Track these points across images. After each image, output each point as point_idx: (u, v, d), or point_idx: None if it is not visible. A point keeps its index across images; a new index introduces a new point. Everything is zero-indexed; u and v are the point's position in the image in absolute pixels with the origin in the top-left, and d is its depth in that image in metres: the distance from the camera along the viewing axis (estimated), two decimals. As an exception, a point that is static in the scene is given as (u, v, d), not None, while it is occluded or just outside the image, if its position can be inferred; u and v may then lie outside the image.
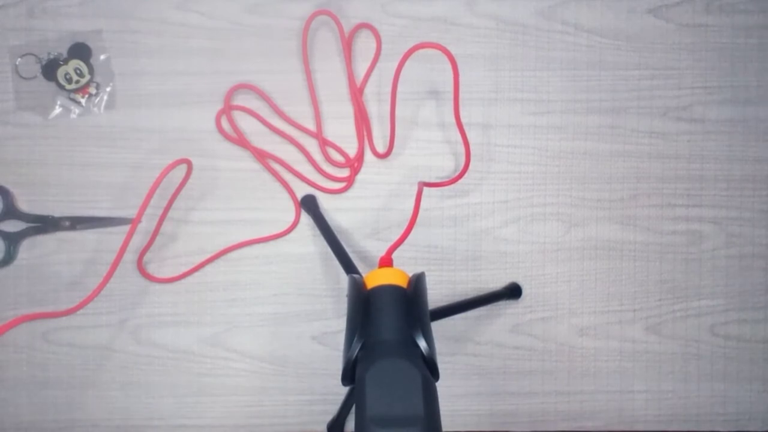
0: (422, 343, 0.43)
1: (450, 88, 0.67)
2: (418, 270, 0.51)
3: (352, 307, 0.45)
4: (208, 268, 0.67)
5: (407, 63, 0.66)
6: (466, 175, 0.67)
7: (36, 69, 0.66)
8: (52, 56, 0.65)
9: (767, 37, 0.68)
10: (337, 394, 0.68)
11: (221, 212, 0.67)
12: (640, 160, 0.68)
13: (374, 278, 0.46)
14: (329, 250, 0.64)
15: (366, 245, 0.68)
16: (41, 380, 0.67)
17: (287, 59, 0.67)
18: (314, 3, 0.66)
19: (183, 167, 0.66)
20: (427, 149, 0.68)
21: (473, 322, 0.69)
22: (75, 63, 0.66)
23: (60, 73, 0.66)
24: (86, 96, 0.66)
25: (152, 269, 0.67)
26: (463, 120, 0.67)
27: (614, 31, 0.68)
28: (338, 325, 0.68)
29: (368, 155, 0.68)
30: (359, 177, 0.68)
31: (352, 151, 0.67)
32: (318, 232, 0.66)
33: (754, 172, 0.69)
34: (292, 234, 0.67)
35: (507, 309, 0.69)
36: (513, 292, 0.67)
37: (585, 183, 0.68)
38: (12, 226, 0.66)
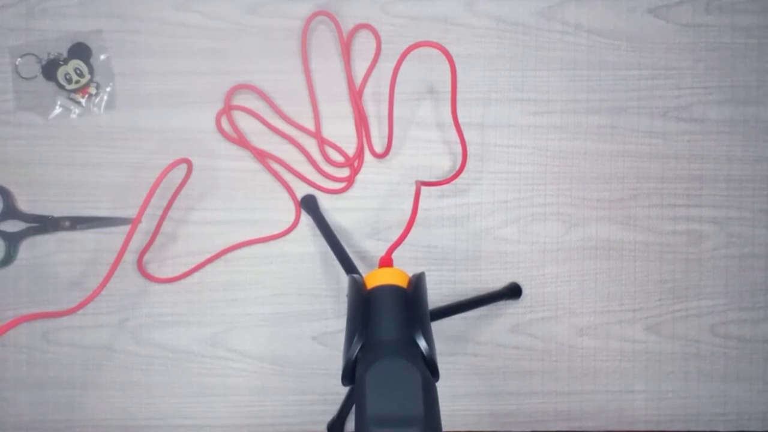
0: (422, 343, 0.43)
1: (449, 87, 0.67)
2: (418, 270, 0.51)
3: (352, 307, 0.45)
4: (208, 268, 0.67)
5: (407, 63, 0.66)
6: (466, 175, 0.67)
7: (36, 69, 0.66)
8: (52, 56, 0.65)
9: (767, 37, 0.68)
10: (337, 394, 0.68)
11: (221, 212, 0.67)
12: (640, 160, 0.68)
13: (374, 278, 0.46)
14: (329, 250, 0.64)
15: (366, 245, 0.68)
16: (41, 380, 0.67)
17: (287, 59, 0.67)
18: (314, 3, 0.66)
19: (183, 167, 0.66)
20: (427, 149, 0.68)
21: (473, 322, 0.69)
22: (75, 63, 0.66)
23: (60, 73, 0.66)
24: (86, 96, 0.66)
25: (152, 269, 0.67)
26: (463, 120, 0.67)
27: (614, 31, 0.68)
28: (338, 325, 0.68)
29: (367, 155, 0.68)
30: (359, 177, 0.68)
31: (351, 151, 0.67)
32: (318, 232, 0.66)
33: (754, 172, 0.69)
34: (292, 234, 0.67)
35: (507, 309, 0.69)
36: (513, 292, 0.67)
37: (585, 183, 0.68)
38: (12, 226, 0.66)
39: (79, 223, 0.66)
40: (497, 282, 0.68)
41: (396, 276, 0.47)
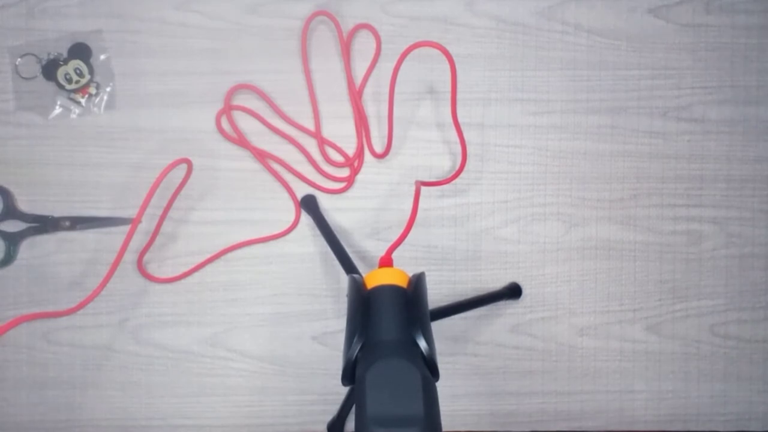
0: (422, 343, 0.43)
1: (449, 87, 0.67)
2: (418, 270, 0.51)
3: (352, 307, 0.45)
4: (208, 268, 0.67)
5: (407, 63, 0.66)
6: (466, 175, 0.67)
7: (36, 69, 0.66)
8: (52, 56, 0.65)
9: (767, 37, 0.68)
10: (337, 394, 0.68)
11: (221, 212, 0.67)
12: (640, 160, 0.68)
13: (374, 278, 0.46)
14: (329, 250, 0.64)
15: (366, 245, 0.68)
16: (41, 380, 0.67)
17: (287, 59, 0.67)
18: (314, 3, 0.66)
19: (183, 167, 0.66)
20: (427, 149, 0.68)
21: (473, 322, 0.69)
22: (75, 63, 0.66)
23: (60, 73, 0.66)
24: (86, 96, 0.66)
25: (152, 269, 0.67)
26: (463, 120, 0.67)
27: (614, 31, 0.68)
28: (338, 325, 0.68)
29: (367, 155, 0.68)
30: (359, 177, 0.68)
31: (351, 151, 0.67)
32: (318, 232, 0.66)
33: (754, 172, 0.69)
34: (292, 234, 0.67)
35: (507, 309, 0.69)
36: (513, 292, 0.67)
37: (585, 183, 0.68)
38: (12, 226, 0.66)
39: (79, 223, 0.66)
40: (497, 282, 0.68)
41: (396, 276, 0.46)
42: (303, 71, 0.67)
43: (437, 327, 0.67)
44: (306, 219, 0.68)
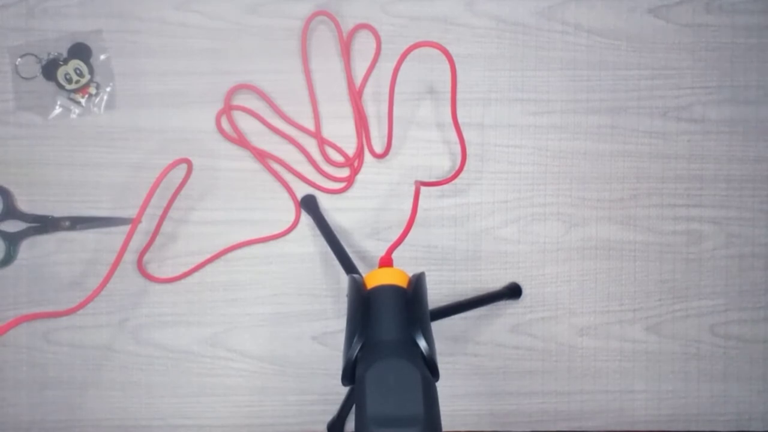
0: (422, 343, 0.43)
1: (449, 87, 0.67)
2: (418, 270, 0.51)
3: (352, 307, 0.45)
4: (208, 268, 0.67)
5: (407, 63, 0.66)
6: (466, 175, 0.67)
7: (36, 69, 0.66)
8: (52, 56, 0.65)
9: (767, 37, 0.68)
10: (337, 394, 0.68)
11: (221, 212, 0.67)
12: (640, 160, 0.68)
13: (374, 278, 0.46)
14: (329, 250, 0.64)
15: (366, 245, 0.68)
16: (41, 380, 0.67)
17: (287, 59, 0.67)
18: (314, 3, 0.66)
19: (183, 167, 0.66)
20: (427, 149, 0.68)
21: (473, 322, 0.69)
22: (75, 63, 0.66)
23: (60, 73, 0.66)
24: (86, 96, 0.66)
25: (152, 269, 0.67)
26: (463, 120, 0.67)
27: (614, 31, 0.68)
28: (338, 325, 0.68)
29: (367, 155, 0.68)
30: (359, 177, 0.68)
31: (351, 151, 0.67)
32: (318, 232, 0.66)
33: (754, 172, 0.69)
34: (292, 234, 0.67)
35: (507, 309, 0.69)
36: (513, 292, 0.67)
37: (585, 183, 0.68)
38: (12, 226, 0.66)
39: (79, 223, 0.66)
40: (497, 282, 0.68)
41: (396, 276, 0.47)
42: (303, 71, 0.67)
43: (437, 327, 0.67)
44: (306, 219, 0.68)
